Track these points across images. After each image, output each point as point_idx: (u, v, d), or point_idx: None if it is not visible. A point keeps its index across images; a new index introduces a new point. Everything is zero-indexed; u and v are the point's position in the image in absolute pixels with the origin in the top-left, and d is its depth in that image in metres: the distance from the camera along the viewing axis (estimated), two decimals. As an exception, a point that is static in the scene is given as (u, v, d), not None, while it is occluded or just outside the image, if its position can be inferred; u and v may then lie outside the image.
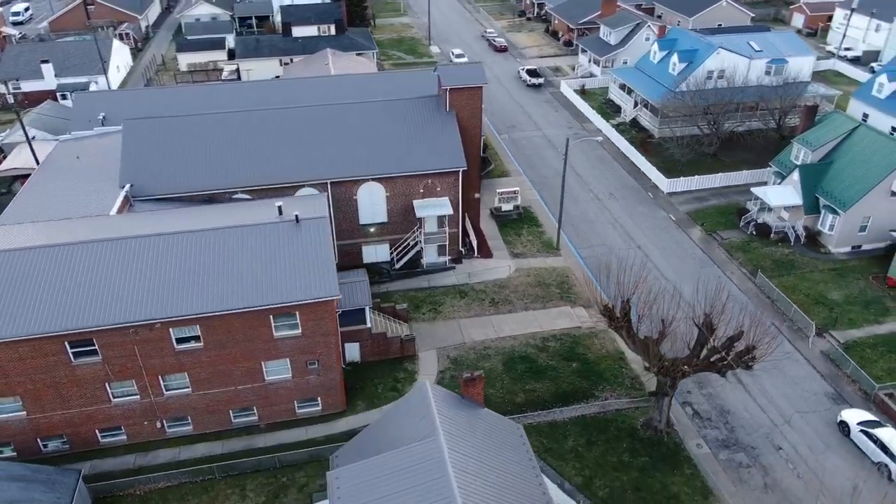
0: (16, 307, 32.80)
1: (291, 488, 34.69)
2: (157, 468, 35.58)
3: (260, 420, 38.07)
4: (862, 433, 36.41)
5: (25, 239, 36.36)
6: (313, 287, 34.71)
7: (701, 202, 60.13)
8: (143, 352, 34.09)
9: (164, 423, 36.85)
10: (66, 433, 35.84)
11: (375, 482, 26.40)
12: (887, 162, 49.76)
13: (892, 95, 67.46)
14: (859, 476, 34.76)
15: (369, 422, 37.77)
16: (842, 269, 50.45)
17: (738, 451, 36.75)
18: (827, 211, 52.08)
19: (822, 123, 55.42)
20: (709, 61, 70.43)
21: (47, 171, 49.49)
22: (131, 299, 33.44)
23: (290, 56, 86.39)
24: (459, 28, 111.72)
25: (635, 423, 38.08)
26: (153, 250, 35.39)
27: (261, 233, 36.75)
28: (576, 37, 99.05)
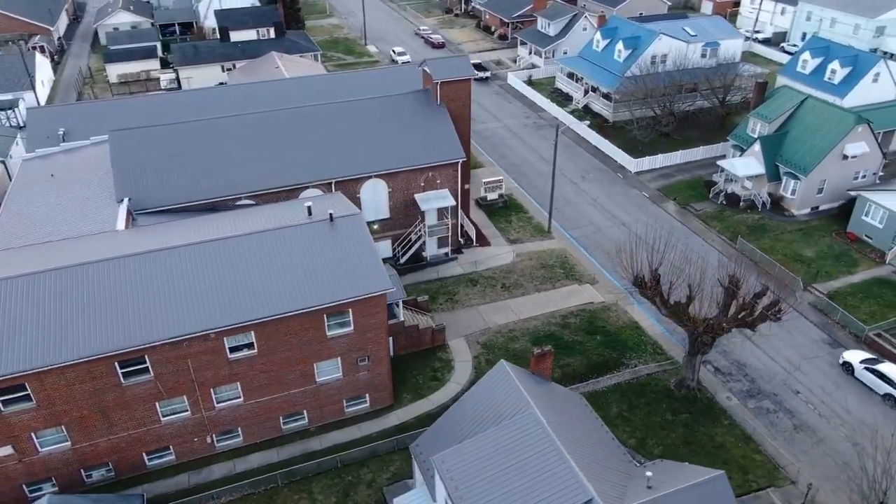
0: (62, 330, 30.94)
1: (359, 485, 34.60)
2: (216, 484, 34.48)
3: (310, 423, 37.58)
4: (866, 370, 40.38)
5: (55, 258, 34.24)
6: (365, 282, 34.71)
7: (668, 179, 63.86)
8: (196, 365, 32.96)
9: (214, 437, 35.71)
10: (112, 460, 34.05)
11: (484, 460, 27.04)
12: (838, 129, 54.88)
13: (815, 71, 74.03)
14: (869, 409, 38.70)
15: (419, 413, 38.52)
16: (807, 229, 55.25)
17: (763, 399, 39.84)
18: (788, 177, 56.80)
19: (773, 98, 60.29)
20: (652, 47, 74.56)
21: (22, 191, 46.15)
22: (182, 311, 32.27)
23: (231, 61, 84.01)
24: (390, 27, 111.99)
25: (668, 384, 40.47)
26: (195, 259, 34.24)
27: (299, 234, 36.30)
28: (510, 30, 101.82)
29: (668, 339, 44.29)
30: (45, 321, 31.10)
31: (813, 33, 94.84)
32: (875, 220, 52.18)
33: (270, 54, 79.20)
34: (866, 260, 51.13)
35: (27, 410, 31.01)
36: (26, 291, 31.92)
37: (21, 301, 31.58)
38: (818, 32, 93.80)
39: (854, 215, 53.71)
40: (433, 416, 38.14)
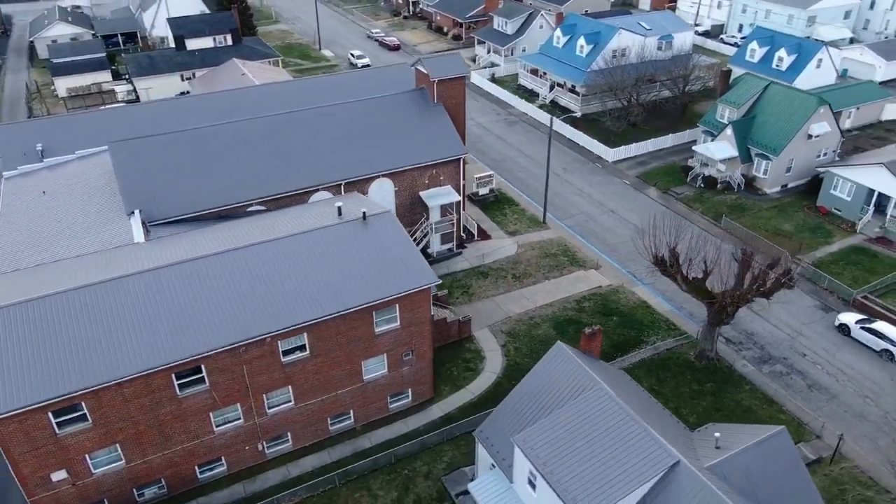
0: (115, 344, 30.03)
1: (416, 478, 34.99)
2: (272, 491, 34.14)
3: (356, 422, 37.65)
4: (862, 329, 43.74)
5: (94, 272, 33.14)
6: (410, 277, 35.17)
7: (643, 166, 66.71)
8: (251, 371, 32.59)
9: (265, 444, 35.31)
10: (165, 476, 33.19)
11: (564, 435, 28.12)
12: (802, 111, 58.85)
13: (762, 59, 78.91)
14: (869, 365, 42.04)
15: (461, 404, 39.26)
16: (781, 206, 59.01)
17: (775, 364, 42.55)
18: (759, 158, 60.47)
19: (739, 85, 63.97)
20: (613, 41, 77.59)
21: (15, 210, 44.06)
22: (237, 317, 31.88)
23: (190, 70, 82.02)
24: (341, 31, 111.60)
25: (688, 357, 42.63)
26: (241, 265, 33.87)
27: (337, 233, 36.39)
28: (464, 31, 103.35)
29: (677, 315, 46.57)
30: (97, 336, 30.16)
31: (749, 24, 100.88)
32: (843, 193, 56.29)
33: (232, 61, 78.03)
34: (839, 231, 55.12)
35: (83, 431, 29.95)
36: (74, 306, 30.86)
37: (70, 316, 30.51)
38: (754, 24, 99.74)
39: (823, 190, 57.76)
40: (475, 406, 39.10)
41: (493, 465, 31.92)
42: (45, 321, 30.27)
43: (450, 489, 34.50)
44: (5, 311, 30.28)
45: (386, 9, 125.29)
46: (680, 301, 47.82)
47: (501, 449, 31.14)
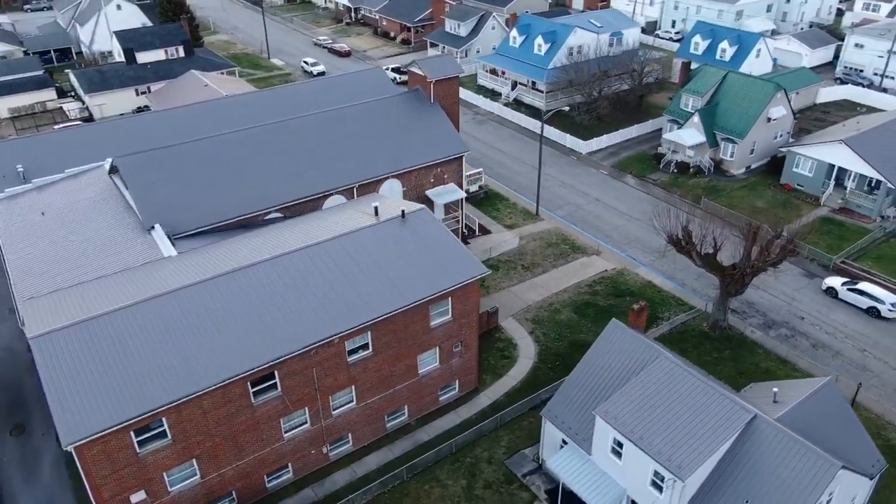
0: (191, 355, 29.51)
1: (480, 464, 35.92)
2: (342, 492, 34.24)
3: (410, 417, 38.16)
4: (849, 291, 47.89)
5: (151, 286, 32.27)
6: (461, 269, 36.10)
7: (615, 156, 69.90)
8: (319, 373, 32.65)
9: (328, 447, 35.31)
10: (237, 488, 32.72)
11: (642, 403, 29.90)
12: (762, 97, 63.47)
13: (706, 51, 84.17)
14: (859, 321, 46.17)
15: (506, 390, 40.52)
16: (750, 185, 63.38)
17: (779, 328, 45.99)
18: (726, 142, 64.68)
19: (699, 75, 68.10)
20: (569, 39, 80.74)
21: (17, 234, 41.92)
22: (305, 320, 31.93)
23: (145, 84, 79.44)
24: (284, 39, 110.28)
25: (702, 328, 45.45)
26: (298, 268, 33.90)
27: (382, 232, 36.87)
28: (413, 35, 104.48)
29: (682, 291, 49.45)
30: (173, 348, 29.59)
31: (682, 20, 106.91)
32: (805, 170, 61.12)
33: (190, 73, 76.40)
34: (806, 204, 59.83)
35: (163, 448, 29.26)
36: (145, 319, 30.12)
37: (142, 330, 29.78)
38: (686, 19, 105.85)
39: (786, 168, 62.49)
40: (520, 391, 40.43)
41: (563, 442, 33.33)
42: (118, 336, 29.44)
43: (515, 471, 35.62)
44: (78, 329, 29.26)
45: (326, 16, 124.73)
46: (681, 279, 50.80)
47: (574, 425, 32.59)
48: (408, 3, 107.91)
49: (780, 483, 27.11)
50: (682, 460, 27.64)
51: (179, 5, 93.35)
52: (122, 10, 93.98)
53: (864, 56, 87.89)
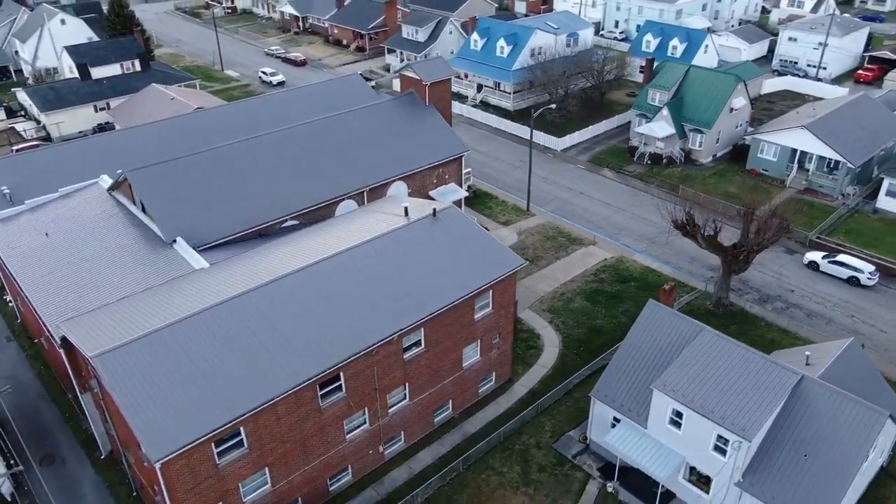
0: (262, 361, 29.36)
1: (530, 450, 37.02)
2: (404, 489, 34.62)
3: (454, 411, 38.85)
4: (830, 263, 51.71)
5: (202, 296, 31.77)
6: (500, 262, 37.14)
7: (588, 151, 72.59)
8: (379, 372, 32.99)
9: (383, 446, 35.59)
10: (303, 494, 32.58)
11: (694, 374, 31.81)
12: (724, 89, 67.45)
13: (657, 48, 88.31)
14: (841, 290, 50.00)
15: (540, 378, 41.83)
16: (719, 172, 67.20)
17: (774, 302, 49.20)
18: (694, 133, 68.31)
19: (663, 71, 71.59)
20: (531, 41, 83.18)
21: (25, 256, 40.15)
22: (365, 319, 32.24)
23: (104, 100, 76.78)
24: (233, 50, 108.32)
25: (706, 306, 48.09)
26: (348, 269, 34.13)
27: (419, 230, 37.47)
28: (368, 42, 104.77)
29: (680, 274, 52.08)
30: (244, 355, 29.38)
31: (624, 20, 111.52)
32: (769, 155, 65.34)
33: (151, 87, 74.68)
34: (774, 187, 63.98)
35: (240, 458, 28.97)
36: (205, 330, 29.73)
37: (211, 338, 29.42)
38: (629, 20, 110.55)
39: (751, 154, 66.61)
40: (552, 378, 41.83)
41: (615, 420, 34.85)
42: (182, 348, 28.96)
43: (564, 453, 36.90)
44: (141, 344, 28.60)
45: (271, 26, 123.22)
46: (676, 263, 53.51)
47: (626, 402, 34.16)
48: (358, 11, 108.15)
49: (834, 435, 29.46)
50: (745, 422, 29.59)
51: (129, 18, 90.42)
52: (67, 25, 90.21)
53: (798, 49, 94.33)
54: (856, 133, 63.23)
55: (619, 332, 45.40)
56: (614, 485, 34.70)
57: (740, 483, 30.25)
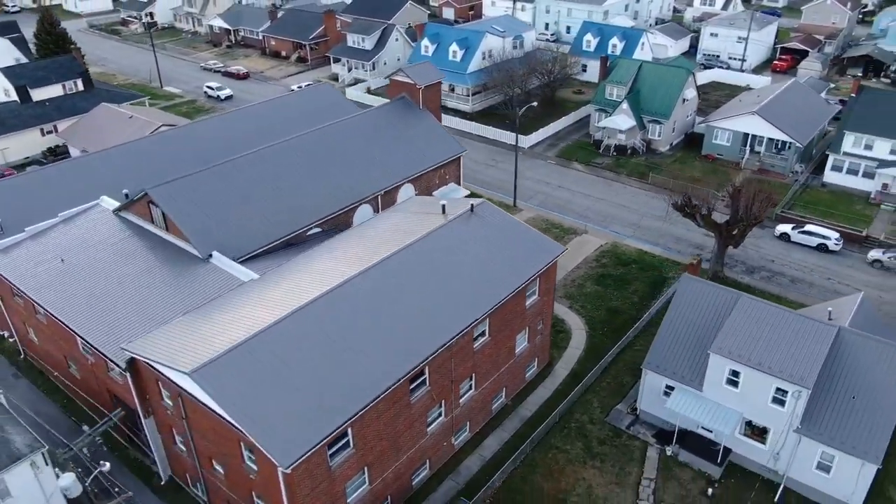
0: (361, 360, 29.66)
1: (586, 426, 38.88)
2: (481, 476, 35.60)
3: (506, 398, 40.16)
4: (800, 233, 56.83)
5: (276, 303, 31.58)
6: (543, 250, 38.86)
7: (554, 147, 75.72)
8: (455, 364, 33.89)
9: (454, 436, 36.41)
10: (391, 492, 32.95)
11: (744, 337, 34.71)
12: (677, 81, 72.32)
13: (597, 47, 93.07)
14: (813, 256, 55.15)
15: (577, 359, 43.91)
16: (679, 159, 71.92)
17: (760, 272, 53.57)
18: (653, 124, 72.77)
19: (617, 68, 75.77)
20: (482, 44, 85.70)
21: (47, 284, 38.17)
22: (444, 312, 33.13)
23: (50, 123, 72.80)
24: (167, 66, 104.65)
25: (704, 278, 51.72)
26: (413, 266, 34.81)
27: (465, 226, 38.55)
28: (309, 52, 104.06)
29: (671, 254, 55.64)
30: (334, 357, 29.62)
31: (554, 22, 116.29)
32: (723, 140, 70.65)
33: (101, 106, 71.65)
34: (732, 170, 69.15)
35: (347, 458, 29.15)
36: (292, 336, 29.78)
37: (296, 346, 29.50)
38: (559, 22, 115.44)
39: (706, 141, 71.75)
40: (587, 359, 44.01)
41: (667, 388, 37.28)
42: (276, 355, 28.90)
43: (618, 425, 39.04)
44: (234, 355, 28.18)
45: (199, 40, 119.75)
46: (665, 244, 57.11)
47: (678, 370, 36.69)
48: (296, 22, 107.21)
49: (876, 377, 33.05)
50: (801, 373, 32.67)
51: (61, 37, 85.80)
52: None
53: (720, 43, 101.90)
54: (798, 116, 69.55)
55: (634, 311, 48.33)
56: (673, 448, 37.13)
57: (799, 429, 33.35)
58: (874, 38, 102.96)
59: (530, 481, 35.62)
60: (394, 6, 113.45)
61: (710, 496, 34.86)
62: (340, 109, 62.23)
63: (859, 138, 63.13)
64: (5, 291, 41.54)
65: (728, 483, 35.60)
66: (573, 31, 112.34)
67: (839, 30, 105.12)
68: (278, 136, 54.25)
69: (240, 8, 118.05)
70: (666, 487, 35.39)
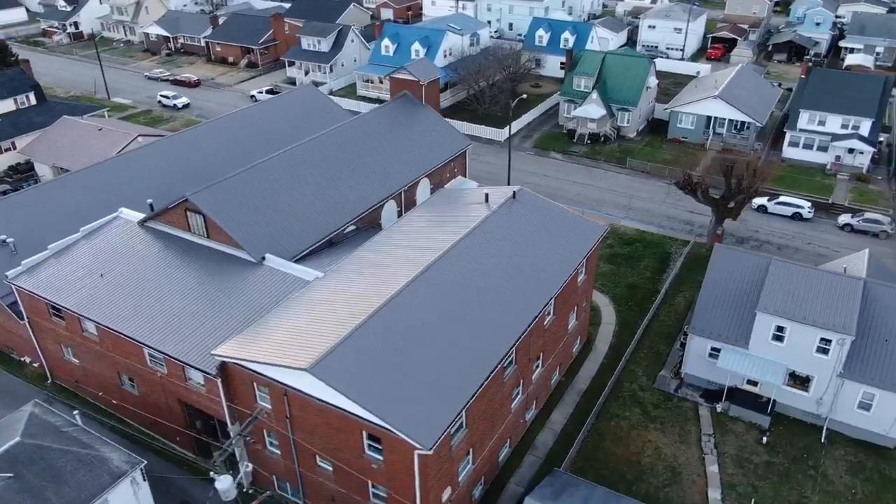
0: (461, 341, 30.69)
1: (637, 393, 41.18)
2: (558, 450, 37.22)
3: (560, 374, 41.89)
4: (776, 204, 61.65)
5: (362, 296, 32.05)
6: (588, 231, 40.86)
7: (529, 139, 78.22)
8: (532, 342, 35.29)
9: (526, 413, 37.82)
10: (485, 472, 33.95)
11: (786, 294, 37.99)
12: (641, 71, 76.40)
13: (550, 41, 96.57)
14: (790, 223, 60.08)
15: (611, 334, 46.50)
16: (648, 144, 76.00)
17: (748, 241, 57.82)
18: (621, 112, 76.51)
19: (583, 60, 79.07)
20: (444, 43, 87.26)
21: (96, 301, 36.75)
22: (522, 293, 34.55)
23: (7, 140, 68.67)
24: (109, 77, 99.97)
25: (702, 253, 55.30)
26: (479, 252, 36.06)
27: (512, 212, 39.98)
28: (259, 57, 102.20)
29: (669, 231, 59.07)
30: (440, 341, 30.67)
31: (496, 20, 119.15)
32: (687, 124, 75.26)
33: (63, 119, 68.53)
34: (699, 151, 73.81)
35: (461, 439, 30.00)
36: (395, 324, 30.53)
37: (401, 333, 30.28)
38: (501, 19, 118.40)
39: (671, 125, 76.17)
40: (621, 332, 46.51)
41: (713, 350, 40.08)
42: (383, 343, 29.53)
43: (665, 389, 41.58)
44: (345, 347, 28.53)
45: (131, 50, 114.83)
46: (659, 223, 60.52)
47: (724, 332, 39.54)
48: (242, 27, 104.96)
49: (903, 321, 37.06)
50: (843, 322, 36.13)
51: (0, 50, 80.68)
52: (-79, 62, 78.41)
53: (658, 34, 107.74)
54: (753, 98, 75.08)
55: (650, 285, 51.25)
56: (723, 405, 39.99)
57: (842, 374, 36.84)
58: (792, 25, 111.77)
59: (602, 448, 37.53)
60: (338, 8, 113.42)
61: (765, 444, 37.90)
62: (330, 111, 62.46)
63: (813, 115, 69.00)
64: (37, 312, 39.49)
65: (777, 430, 38.78)
66: (515, 27, 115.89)
67: (761, 19, 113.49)
68: (279, 139, 54.28)
69: (177, 14, 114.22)
70: (724, 441, 38.15)
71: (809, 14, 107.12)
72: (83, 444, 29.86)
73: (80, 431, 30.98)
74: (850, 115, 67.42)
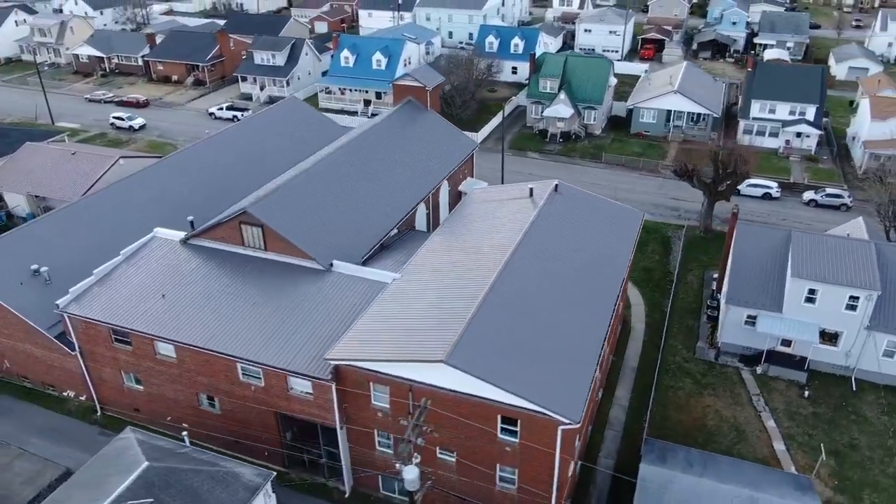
0: (563, 334, 32.25)
1: (682, 364, 44.23)
2: (631, 420, 39.46)
3: (610, 353, 44.21)
4: (748, 186, 67.06)
5: (456, 288, 33.00)
6: (630, 220, 43.55)
7: (501, 141, 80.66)
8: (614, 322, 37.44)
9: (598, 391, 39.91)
10: (582, 452, 35.68)
11: (810, 261, 42.07)
12: (604, 70, 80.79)
13: (499, 48, 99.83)
14: (768, 203, 65.62)
15: (643, 314, 49.30)
16: (615, 139, 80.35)
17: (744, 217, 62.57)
18: (588, 110, 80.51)
19: (546, 62, 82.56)
20: (404, 52, 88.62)
21: (168, 322, 35.69)
22: (596, 282, 36.67)
23: (-32, 170, 63.94)
24: (50, 101, 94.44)
25: (697, 234, 59.66)
26: (540, 254, 37.58)
27: (562, 206, 42.02)
28: (207, 74, 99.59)
29: (664, 217, 63.04)
30: (545, 325, 32.33)
31: (436, 28, 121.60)
32: (649, 119, 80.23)
33: (27, 145, 65.01)
34: (663, 143, 78.83)
35: (578, 415, 31.60)
36: (499, 308, 32.00)
37: (509, 316, 31.85)
38: (440, 29, 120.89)
39: (634, 121, 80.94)
40: (652, 313, 49.46)
41: (748, 318, 43.66)
42: (503, 326, 31.13)
43: (706, 358, 44.84)
44: (467, 339, 29.55)
45: (62, 71, 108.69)
46: (649, 210, 64.10)
47: (758, 300, 43.17)
48: (184, 44, 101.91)
49: (913, 275, 41.96)
50: (868, 280, 40.51)
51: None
52: None
53: (593, 37, 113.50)
54: (704, 91, 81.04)
55: (662, 268, 54.75)
56: (762, 367, 43.62)
57: (869, 326, 41.23)
58: (711, 25, 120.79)
59: (669, 417, 40.16)
60: (277, 23, 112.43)
61: (807, 397, 41.75)
62: (320, 122, 62.84)
63: (764, 104, 75.48)
64: (94, 340, 37.69)
65: (813, 384, 42.77)
66: (455, 36, 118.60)
67: (682, 20, 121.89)
68: (284, 151, 54.59)
69: (108, 34, 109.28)
70: (772, 398, 41.71)
71: (726, 14, 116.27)
72: (209, 463, 29.21)
73: (196, 450, 30.23)
74: (796, 102, 74.28)
